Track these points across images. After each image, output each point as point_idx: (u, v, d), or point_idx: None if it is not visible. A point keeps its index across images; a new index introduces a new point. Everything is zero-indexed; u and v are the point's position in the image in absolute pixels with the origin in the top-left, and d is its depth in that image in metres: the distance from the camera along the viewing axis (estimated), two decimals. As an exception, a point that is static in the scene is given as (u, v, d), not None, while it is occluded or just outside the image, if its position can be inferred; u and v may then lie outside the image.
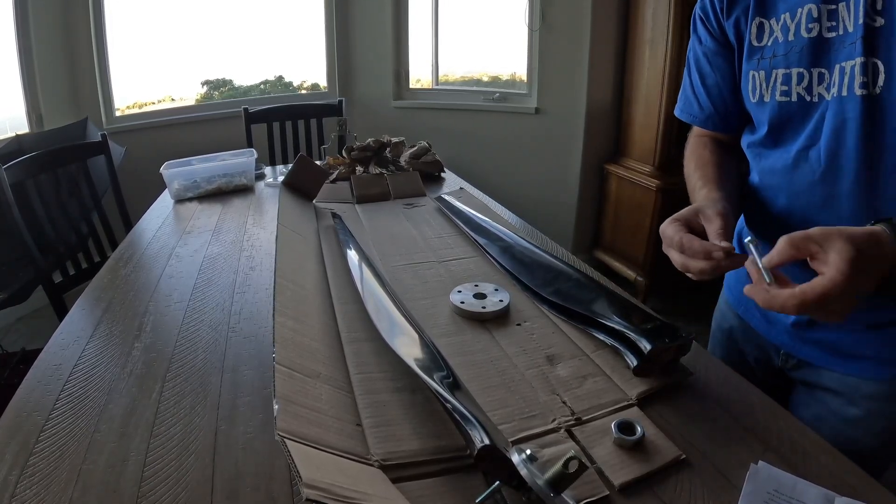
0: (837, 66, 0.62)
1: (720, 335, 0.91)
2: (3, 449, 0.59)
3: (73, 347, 0.80)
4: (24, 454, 0.58)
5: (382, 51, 3.02)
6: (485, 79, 3.21)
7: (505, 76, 3.15)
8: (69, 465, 0.57)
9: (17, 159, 1.49)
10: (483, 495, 0.48)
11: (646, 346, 0.66)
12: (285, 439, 0.46)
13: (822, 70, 0.64)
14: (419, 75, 3.18)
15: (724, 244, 0.58)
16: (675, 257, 0.61)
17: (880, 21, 0.59)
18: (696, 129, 0.87)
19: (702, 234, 0.61)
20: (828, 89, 0.64)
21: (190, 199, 1.53)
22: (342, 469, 0.49)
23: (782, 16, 0.67)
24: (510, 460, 0.48)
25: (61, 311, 1.46)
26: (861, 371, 0.71)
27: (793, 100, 0.67)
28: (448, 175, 1.66)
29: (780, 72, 0.68)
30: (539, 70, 2.79)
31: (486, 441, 0.49)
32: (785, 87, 0.68)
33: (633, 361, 0.68)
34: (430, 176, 1.62)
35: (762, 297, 0.53)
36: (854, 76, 0.60)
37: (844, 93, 0.62)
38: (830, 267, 0.49)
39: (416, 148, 1.62)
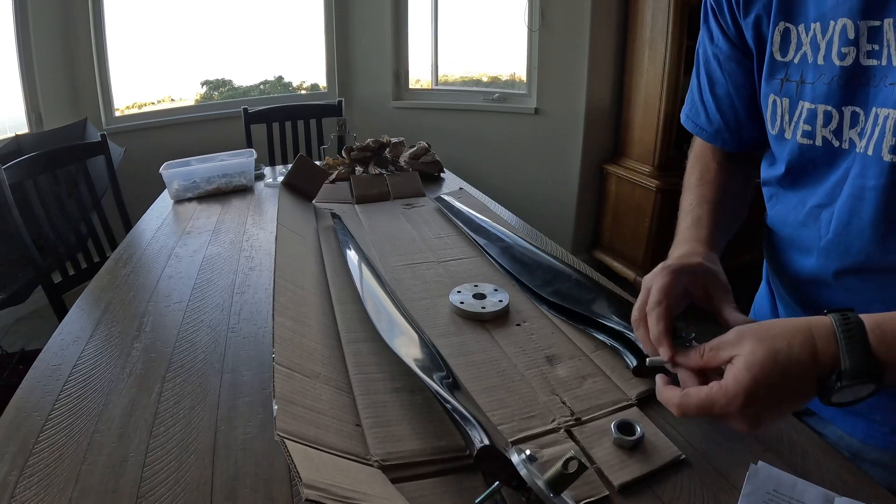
0: (874, 109, 0.47)
1: None
2: (2, 450, 0.59)
3: (72, 348, 0.80)
4: (23, 455, 0.58)
5: (382, 51, 3.03)
6: (484, 79, 3.21)
7: (504, 76, 3.15)
8: (68, 465, 0.57)
9: (16, 160, 1.49)
10: (482, 496, 0.48)
11: (645, 346, 0.66)
12: (285, 439, 0.46)
13: (857, 109, 0.49)
14: (419, 76, 3.18)
15: (669, 355, 0.52)
16: (637, 314, 0.56)
17: None
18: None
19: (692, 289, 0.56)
20: (861, 136, 0.49)
21: (189, 200, 1.53)
22: (342, 469, 0.49)
23: (812, 25, 0.51)
24: (510, 461, 0.48)
25: (60, 312, 1.46)
26: (866, 435, 0.62)
27: (816, 143, 0.53)
28: (447, 175, 1.66)
29: (806, 105, 0.53)
30: (538, 70, 2.79)
31: (486, 441, 0.49)
32: (808, 127, 0.53)
33: (632, 362, 0.68)
34: (430, 176, 1.62)
35: (657, 388, 0.50)
36: (885, 134, 0.46)
37: (870, 151, 0.48)
38: (728, 374, 0.43)
39: (415, 148, 1.62)
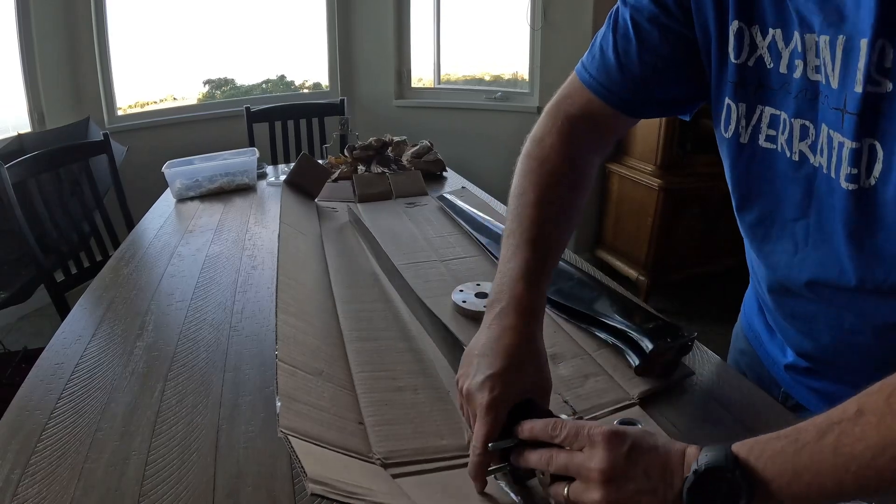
0: (825, 127, 0.46)
1: (733, 353, 0.80)
2: (5, 448, 0.59)
3: (74, 346, 0.80)
4: (25, 453, 0.58)
5: (384, 50, 3.02)
6: (487, 78, 3.21)
7: (507, 75, 3.14)
8: (71, 464, 0.57)
9: (18, 158, 1.49)
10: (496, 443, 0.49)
11: (647, 345, 0.66)
12: (288, 436, 0.46)
13: (806, 123, 0.48)
14: (421, 74, 3.18)
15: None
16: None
17: (888, 86, 0.40)
18: (566, 102, 0.68)
19: None
20: (813, 150, 0.48)
21: (192, 199, 1.53)
22: (345, 466, 0.49)
23: (771, 31, 0.49)
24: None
25: (63, 310, 1.46)
26: None
27: (778, 150, 0.52)
28: (450, 174, 1.66)
29: (769, 111, 0.51)
30: (541, 69, 2.79)
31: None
32: (772, 132, 0.52)
33: (634, 361, 0.68)
34: (432, 175, 1.61)
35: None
36: (841, 162, 0.45)
37: (833, 174, 0.47)
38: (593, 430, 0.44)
39: (417, 147, 1.62)
